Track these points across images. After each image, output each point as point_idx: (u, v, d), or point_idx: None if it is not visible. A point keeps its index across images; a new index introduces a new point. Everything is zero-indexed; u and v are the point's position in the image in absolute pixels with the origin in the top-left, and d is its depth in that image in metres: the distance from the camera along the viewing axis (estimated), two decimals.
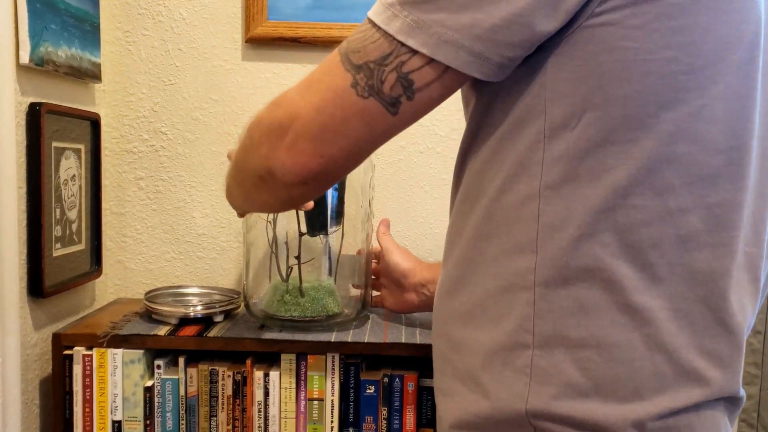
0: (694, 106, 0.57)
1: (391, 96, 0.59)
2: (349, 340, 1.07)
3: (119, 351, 1.06)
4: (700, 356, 0.59)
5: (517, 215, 0.61)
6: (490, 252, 0.63)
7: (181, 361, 1.08)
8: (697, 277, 0.59)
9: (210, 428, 1.08)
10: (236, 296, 1.21)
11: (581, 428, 0.58)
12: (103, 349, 1.06)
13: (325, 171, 0.63)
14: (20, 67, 1.01)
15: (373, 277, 1.19)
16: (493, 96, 0.63)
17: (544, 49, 0.58)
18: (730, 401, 0.62)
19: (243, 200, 0.80)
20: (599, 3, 0.55)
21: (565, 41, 0.57)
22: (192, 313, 1.13)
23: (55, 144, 1.11)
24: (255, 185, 0.69)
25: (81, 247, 1.22)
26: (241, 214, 0.97)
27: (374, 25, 0.59)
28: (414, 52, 0.57)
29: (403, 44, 0.58)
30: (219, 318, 1.15)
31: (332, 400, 1.08)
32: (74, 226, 1.19)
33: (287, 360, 1.07)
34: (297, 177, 0.63)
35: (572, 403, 0.58)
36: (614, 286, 0.57)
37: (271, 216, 1.13)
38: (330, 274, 1.16)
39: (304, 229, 1.12)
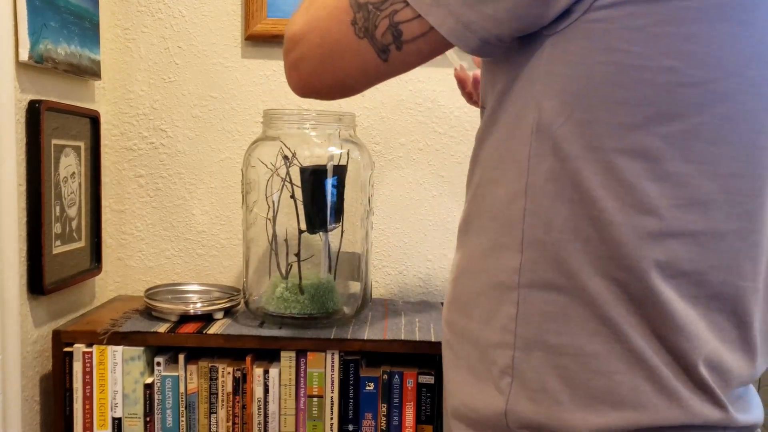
0: (690, 123, 0.52)
1: (382, 43, 0.59)
2: (349, 337, 1.07)
3: (119, 348, 1.07)
4: (680, 379, 0.55)
5: (507, 212, 0.59)
6: (485, 246, 0.62)
7: (181, 358, 1.08)
8: (670, 307, 0.54)
9: (210, 425, 1.09)
10: (236, 293, 1.21)
11: None
12: (103, 346, 1.06)
13: (325, 92, 0.67)
14: (20, 65, 1.01)
15: None
16: (505, 82, 0.60)
17: (541, 37, 0.55)
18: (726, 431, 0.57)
19: None
20: None
21: (561, 33, 0.54)
22: (192, 311, 1.13)
23: (54, 141, 1.11)
24: None
25: (81, 244, 1.22)
26: None
27: None
28: (406, 4, 0.57)
29: None
30: (219, 315, 1.15)
31: (332, 397, 1.08)
32: (74, 224, 1.19)
33: (287, 357, 1.07)
34: (300, 91, 0.68)
35: (547, 409, 0.57)
36: (592, 297, 0.55)
37: (270, 213, 1.13)
38: (330, 271, 1.17)
39: (303, 226, 1.12)
